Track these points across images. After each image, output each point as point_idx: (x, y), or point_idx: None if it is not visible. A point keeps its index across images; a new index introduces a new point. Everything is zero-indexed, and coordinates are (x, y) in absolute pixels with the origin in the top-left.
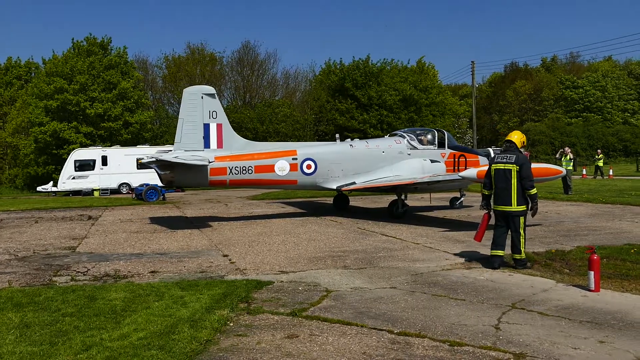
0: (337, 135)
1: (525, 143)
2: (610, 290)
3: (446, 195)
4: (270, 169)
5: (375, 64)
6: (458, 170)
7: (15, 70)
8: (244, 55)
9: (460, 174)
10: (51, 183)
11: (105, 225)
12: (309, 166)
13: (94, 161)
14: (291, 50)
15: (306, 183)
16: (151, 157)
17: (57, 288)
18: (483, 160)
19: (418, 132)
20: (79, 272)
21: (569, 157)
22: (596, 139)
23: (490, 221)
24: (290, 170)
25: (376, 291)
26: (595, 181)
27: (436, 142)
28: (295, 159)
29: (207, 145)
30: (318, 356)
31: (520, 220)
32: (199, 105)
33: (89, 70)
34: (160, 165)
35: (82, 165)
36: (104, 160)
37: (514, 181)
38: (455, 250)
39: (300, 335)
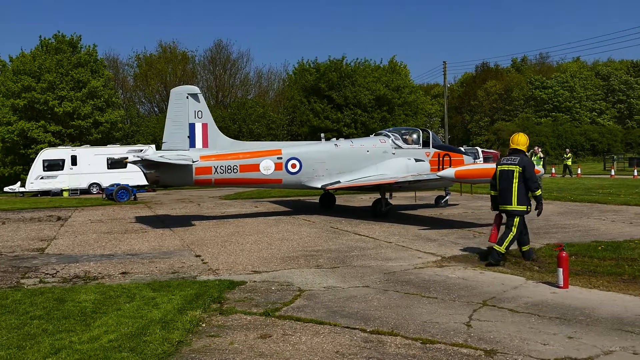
0: (322, 134)
1: (528, 143)
2: (579, 286)
3: (434, 194)
4: (255, 168)
5: (349, 63)
6: (443, 169)
7: None
8: (216, 54)
9: (438, 174)
10: (19, 183)
11: (75, 226)
12: (293, 165)
13: (63, 161)
14: (264, 49)
15: (291, 182)
16: (137, 157)
17: (25, 290)
18: (468, 160)
19: (403, 132)
20: (47, 274)
21: (538, 156)
22: (565, 138)
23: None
24: (275, 170)
25: (349, 290)
26: (564, 180)
27: (421, 142)
28: (280, 158)
29: (193, 144)
30: (291, 356)
31: (516, 220)
32: (184, 105)
33: (58, 68)
34: (146, 164)
35: (51, 165)
36: (74, 160)
37: (516, 182)
38: (427, 248)
39: (274, 335)
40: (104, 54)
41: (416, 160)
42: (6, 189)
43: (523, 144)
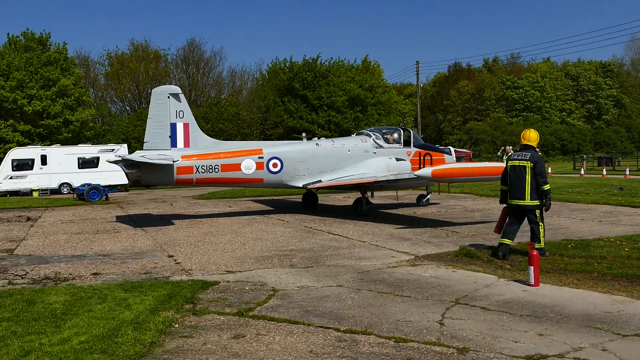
0: (304, 134)
1: (538, 139)
2: (549, 284)
3: (417, 193)
4: (237, 167)
5: (324, 63)
6: (423, 168)
7: None
8: (189, 53)
9: (415, 173)
10: None
11: (45, 227)
12: (275, 165)
13: (32, 160)
14: (237, 48)
15: (272, 181)
16: (118, 156)
17: None
18: (449, 159)
19: (384, 131)
20: (16, 276)
21: (509, 155)
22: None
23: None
24: (256, 169)
25: (323, 290)
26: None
27: (402, 141)
28: (262, 157)
29: (174, 144)
30: (265, 356)
31: (537, 212)
32: (166, 105)
33: (27, 66)
34: (127, 164)
35: (20, 165)
36: (44, 160)
37: (528, 177)
38: (401, 248)
39: (247, 335)
40: (74, 52)
41: (397, 159)
42: None
43: (534, 140)
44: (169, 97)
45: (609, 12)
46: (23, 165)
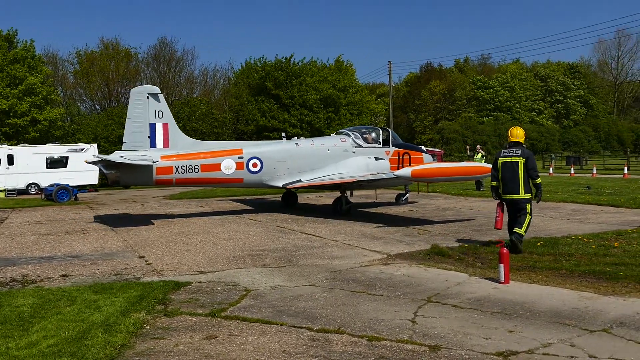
0: (283, 134)
1: (525, 135)
2: (519, 281)
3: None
4: (217, 167)
5: (297, 63)
6: (403, 167)
7: None
8: (160, 52)
9: (394, 173)
10: None
11: (12, 228)
12: (254, 165)
13: None
14: (209, 47)
15: (252, 181)
16: (97, 157)
17: None
18: (427, 159)
19: (363, 131)
20: None
21: (480, 155)
22: (505, 137)
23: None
24: (236, 169)
25: (295, 289)
26: None
27: (381, 140)
28: (241, 157)
29: (154, 144)
30: (237, 356)
31: (528, 206)
32: (145, 105)
33: None
34: (106, 164)
35: None
36: (10, 159)
37: (521, 172)
38: (373, 247)
39: (219, 336)
40: (42, 50)
41: (376, 158)
42: None
43: (522, 136)
44: (148, 97)
45: (576, 15)
46: None
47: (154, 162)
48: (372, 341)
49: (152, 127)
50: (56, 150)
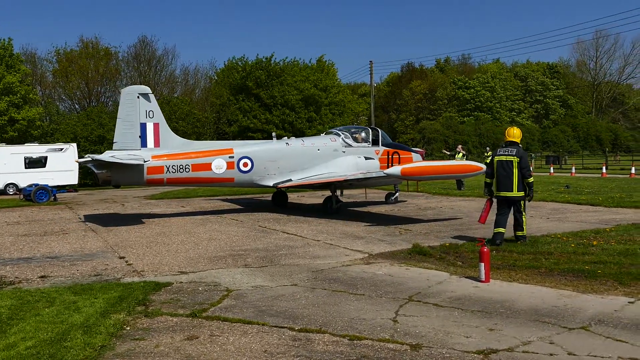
0: (274, 133)
1: (521, 136)
2: (499, 280)
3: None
4: (207, 167)
5: (278, 62)
6: (392, 167)
7: None
8: (140, 51)
9: (385, 172)
10: None
11: None
12: (245, 164)
13: None
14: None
15: (243, 181)
16: (87, 157)
17: None
18: (416, 157)
19: (353, 130)
20: None
21: (461, 155)
22: (486, 136)
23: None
24: (227, 169)
25: (277, 289)
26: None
27: (370, 140)
28: (232, 157)
29: (144, 144)
30: (219, 357)
31: (522, 203)
32: (135, 105)
33: None
34: (97, 164)
35: None
36: None
37: (515, 171)
38: (355, 246)
39: (201, 337)
40: (20, 49)
41: (366, 158)
42: None
43: (518, 136)
44: (138, 97)
45: (556, 15)
46: None
47: (145, 162)
48: (354, 340)
49: (143, 127)
50: (35, 150)
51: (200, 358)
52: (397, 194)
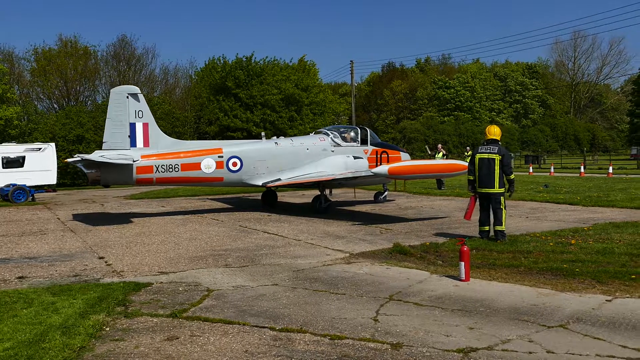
0: (263, 133)
1: (501, 133)
2: (479, 279)
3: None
4: (197, 166)
5: (259, 62)
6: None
7: None
8: (120, 50)
9: (372, 171)
10: None
11: None
12: (234, 164)
13: None
14: (170, 45)
15: (232, 180)
16: (77, 156)
17: None
18: (405, 156)
19: (341, 130)
20: None
21: (441, 154)
22: (466, 136)
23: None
24: (216, 168)
25: (258, 289)
26: (465, 176)
27: (359, 139)
28: (221, 156)
29: (134, 144)
30: (199, 357)
31: (502, 199)
32: (125, 104)
33: None
34: (86, 164)
35: None
36: None
37: (497, 168)
38: (336, 246)
39: (181, 337)
40: None
41: (355, 157)
42: None
43: (498, 134)
44: (127, 97)
45: (534, 16)
46: None
47: (134, 162)
48: (335, 340)
49: (132, 127)
50: (12, 149)
51: (180, 358)
52: (386, 193)
